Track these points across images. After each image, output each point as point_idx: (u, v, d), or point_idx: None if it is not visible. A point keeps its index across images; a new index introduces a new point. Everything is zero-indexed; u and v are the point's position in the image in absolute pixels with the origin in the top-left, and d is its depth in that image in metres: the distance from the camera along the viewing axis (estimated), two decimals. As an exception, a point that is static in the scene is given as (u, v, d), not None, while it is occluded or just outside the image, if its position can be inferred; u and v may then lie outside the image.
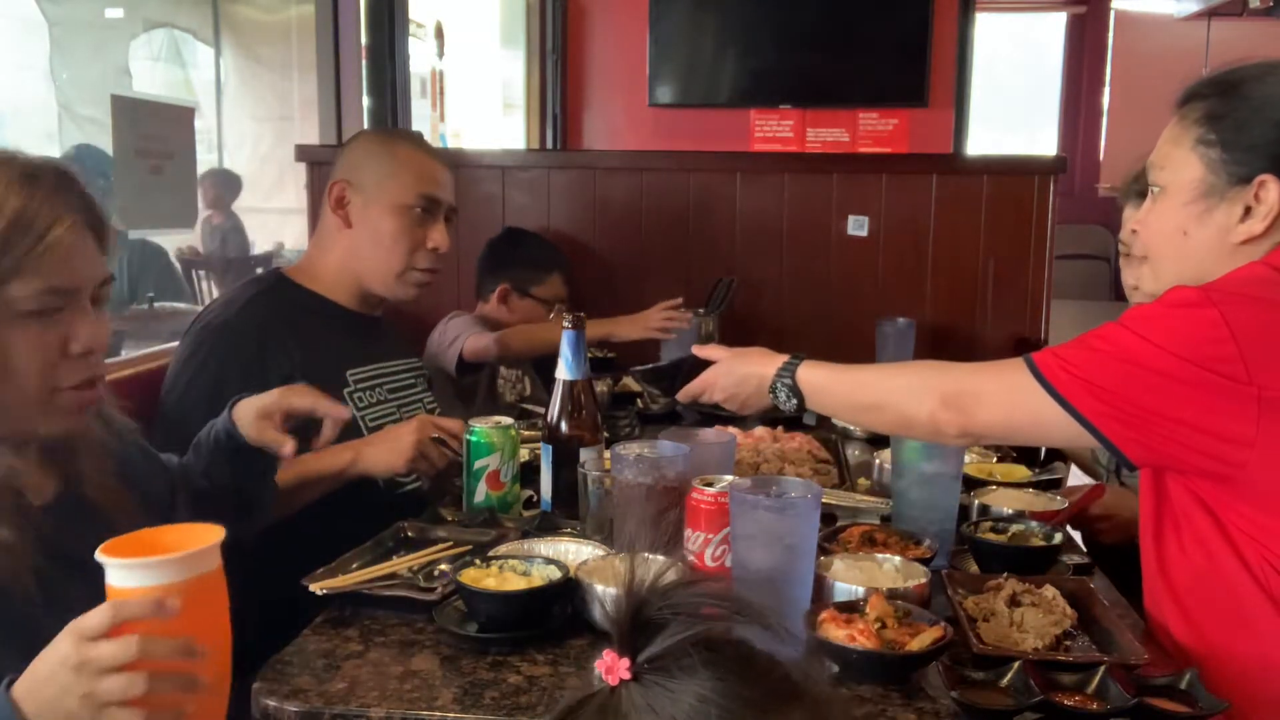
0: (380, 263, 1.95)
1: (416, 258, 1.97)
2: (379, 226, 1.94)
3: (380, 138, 2.08)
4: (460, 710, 1.11)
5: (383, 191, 1.95)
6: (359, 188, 1.95)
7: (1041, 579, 1.35)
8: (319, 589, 1.34)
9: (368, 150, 2.00)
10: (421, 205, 1.96)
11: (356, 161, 1.99)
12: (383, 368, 2.01)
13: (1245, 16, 5.66)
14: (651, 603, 0.66)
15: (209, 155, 4.42)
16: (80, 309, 1.15)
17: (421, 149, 2.03)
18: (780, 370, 1.51)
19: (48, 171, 1.15)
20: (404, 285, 1.98)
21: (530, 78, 4.88)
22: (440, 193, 1.99)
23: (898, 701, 1.13)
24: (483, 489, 1.66)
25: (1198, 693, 1.11)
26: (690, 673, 0.63)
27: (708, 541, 1.36)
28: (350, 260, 1.96)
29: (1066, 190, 6.01)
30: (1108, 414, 1.22)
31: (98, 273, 1.18)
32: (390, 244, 1.95)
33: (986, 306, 2.98)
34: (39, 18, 3.56)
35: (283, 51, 4.34)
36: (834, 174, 3.02)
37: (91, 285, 1.16)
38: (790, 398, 1.51)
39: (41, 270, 1.10)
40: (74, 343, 1.14)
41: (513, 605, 1.27)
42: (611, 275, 3.06)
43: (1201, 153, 1.32)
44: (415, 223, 1.96)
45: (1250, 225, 1.29)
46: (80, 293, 1.15)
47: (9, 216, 1.09)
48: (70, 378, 1.15)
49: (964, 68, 4.49)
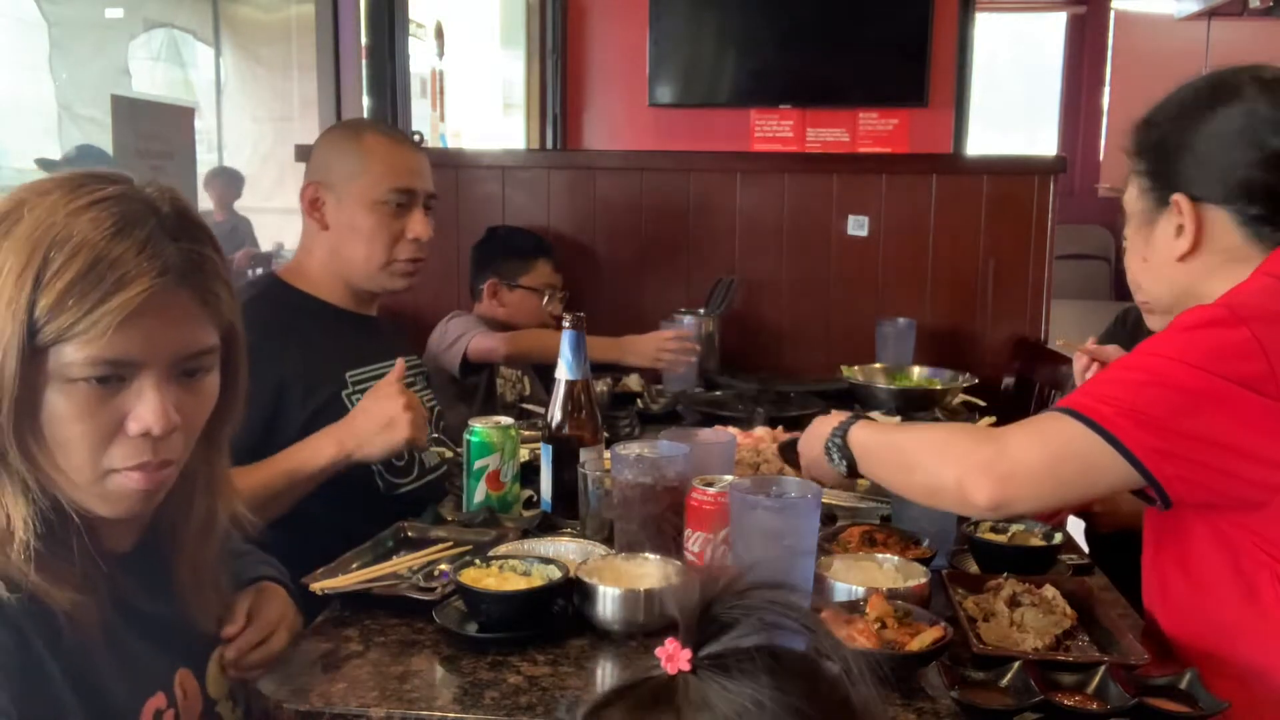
0: (361, 260, 1.92)
1: (398, 249, 1.93)
2: (355, 224, 1.90)
3: (345, 133, 2.01)
4: (460, 710, 1.11)
5: (354, 189, 1.90)
6: (330, 187, 1.92)
7: (1041, 579, 1.35)
8: (319, 589, 1.34)
9: (334, 148, 1.96)
10: (395, 199, 1.91)
11: (324, 161, 1.95)
12: (381, 368, 1.99)
13: (1245, 16, 5.66)
14: (725, 600, 0.66)
15: (209, 155, 4.42)
16: (146, 385, 0.98)
17: (389, 138, 1.97)
18: (834, 430, 1.46)
19: (153, 216, 0.99)
20: (390, 277, 1.95)
21: (530, 78, 4.88)
22: (413, 182, 1.94)
23: (898, 701, 1.13)
24: (483, 489, 1.66)
25: (1198, 693, 1.11)
26: (750, 676, 0.63)
27: (708, 541, 1.36)
28: (333, 261, 1.93)
29: (1066, 190, 6.02)
30: (1155, 448, 1.18)
31: (181, 345, 1.00)
32: (369, 240, 1.91)
33: (986, 306, 2.98)
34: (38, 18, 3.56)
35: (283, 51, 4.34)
36: (834, 174, 3.02)
37: (168, 358, 0.99)
38: (841, 459, 1.45)
39: (95, 337, 0.94)
40: (132, 422, 0.98)
41: (513, 605, 1.27)
42: (611, 275, 3.06)
43: (1136, 182, 1.40)
44: (391, 216, 1.91)
45: (1181, 243, 1.33)
46: (145, 366, 0.98)
47: (78, 268, 0.93)
48: (125, 459, 0.99)
49: (964, 68, 4.49)
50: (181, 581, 1.13)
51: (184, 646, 1.14)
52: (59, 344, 0.94)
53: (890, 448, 1.43)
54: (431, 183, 2.00)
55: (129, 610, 1.06)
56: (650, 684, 0.66)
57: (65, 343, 0.94)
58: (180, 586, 1.13)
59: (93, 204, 0.96)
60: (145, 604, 1.09)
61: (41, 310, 0.93)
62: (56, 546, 0.98)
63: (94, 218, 0.95)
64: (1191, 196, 1.32)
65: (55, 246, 0.93)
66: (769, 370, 2.97)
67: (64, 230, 0.94)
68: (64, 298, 0.93)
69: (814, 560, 1.33)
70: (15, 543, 0.94)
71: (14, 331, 0.93)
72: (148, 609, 1.09)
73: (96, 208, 0.96)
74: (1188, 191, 1.32)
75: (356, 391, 1.89)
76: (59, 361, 0.95)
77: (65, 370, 0.95)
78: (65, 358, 0.95)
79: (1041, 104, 7.31)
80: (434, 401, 2.13)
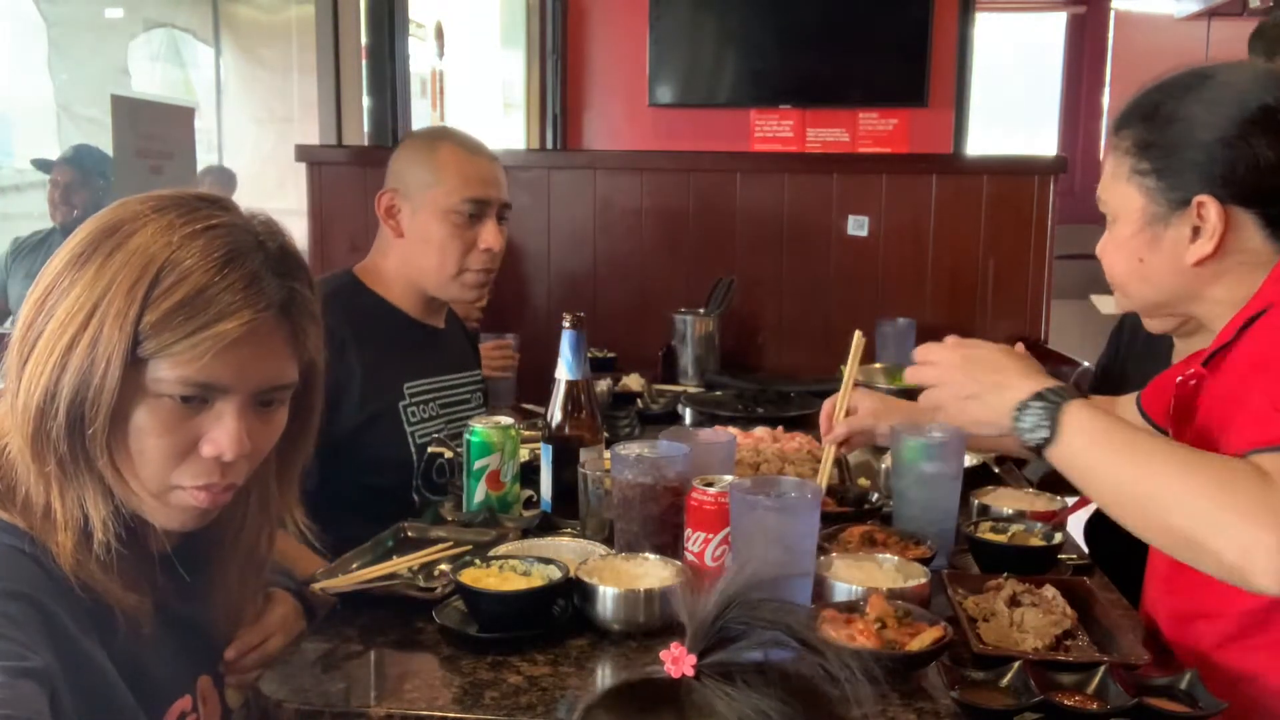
0: (433, 268, 1.93)
1: (470, 259, 1.94)
2: (428, 233, 1.92)
3: (422, 142, 2.03)
4: (460, 710, 1.11)
5: (428, 198, 1.92)
6: (406, 195, 1.93)
7: (1041, 579, 1.35)
8: (319, 589, 1.34)
9: (410, 157, 1.98)
10: (468, 209, 1.92)
11: (401, 169, 1.97)
12: (438, 381, 2.00)
13: (1245, 16, 5.65)
14: (735, 611, 0.67)
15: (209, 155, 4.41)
16: (227, 411, 1.02)
17: (464, 148, 1.98)
18: (1048, 390, 1.20)
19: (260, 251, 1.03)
20: (461, 287, 1.96)
21: (530, 78, 4.88)
22: (487, 192, 1.95)
23: (898, 701, 1.13)
24: (483, 489, 1.65)
25: (1198, 693, 1.10)
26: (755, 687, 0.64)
27: (708, 541, 1.36)
28: (405, 267, 1.95)
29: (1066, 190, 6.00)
30: None
31: (267, 377, 1.04)
32: (441, 249, 1.92)
33: (986, 306, 2.98)
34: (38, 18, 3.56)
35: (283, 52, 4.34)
36: (834, 174, 3.02)
37: (252, 388, 1.03)
38: (1039, 428, 1.19)
39: (191, 359, 0.98)
40: (207, 444, 1.02)
41: (513, 605, 1.27)
42: (611, 275, 3.06)
43: (1139, 183, 1.32)
44: (464, 225, 1.92)
45: (1201, 246, 1.28)
46: (230, 394, 1.01)
47: (186, 291, 0.97)
48: (194, 478, 1.03)
49: (964, 68, 4.49)
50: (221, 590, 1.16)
51: (208, 654, 1.17)
52: (155, 359, 0.98)
53: (1137, 457, 1.14)
54: (506, 192, 2.00)
55: (166, 611, 1.09)
56: (652, 684, 0.67)
57: (161, 359, 0.98)
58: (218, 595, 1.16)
59: (207, 229, 1.01)
60: (180, 606, 1.11)
61: (146, 325, 0.96)
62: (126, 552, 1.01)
63: (206, 244, 0.99)
64: (1218, 198, 1.25)
65: (168, 267, 0.97)
66: (769, 370, 2.98)
67: (177, 252, 0.98)
68: (170, 317, 0.97)
69: (814, 560, 1.33)
70: (95, 543, 0.98)
71: (120, 341, 0.96)
72: (182, 611, 1.11)
73: (209, 234, 1.00)
74: (1211, 193, 1.26)
75: (411, 404, 1.92)
76: (152, 376, 0.98)
77: (156, 385, 0.99)
78: (158, 373, 0.98)
79: (1041, 104, 7.30)
80: None
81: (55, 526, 0.98)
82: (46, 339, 0.97)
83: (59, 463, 0.97)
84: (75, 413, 0.97)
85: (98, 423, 0.97)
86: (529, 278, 3.07)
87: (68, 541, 0.97)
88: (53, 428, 0.97)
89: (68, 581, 0.97)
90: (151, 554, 1.07)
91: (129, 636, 1.01)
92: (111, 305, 0.96)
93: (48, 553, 0.97)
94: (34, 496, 0.98)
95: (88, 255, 0.98)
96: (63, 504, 0.98)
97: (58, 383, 0.96)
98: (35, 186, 3.56)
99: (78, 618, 0.97)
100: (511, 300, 2.82)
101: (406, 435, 1.90)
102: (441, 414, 1.99)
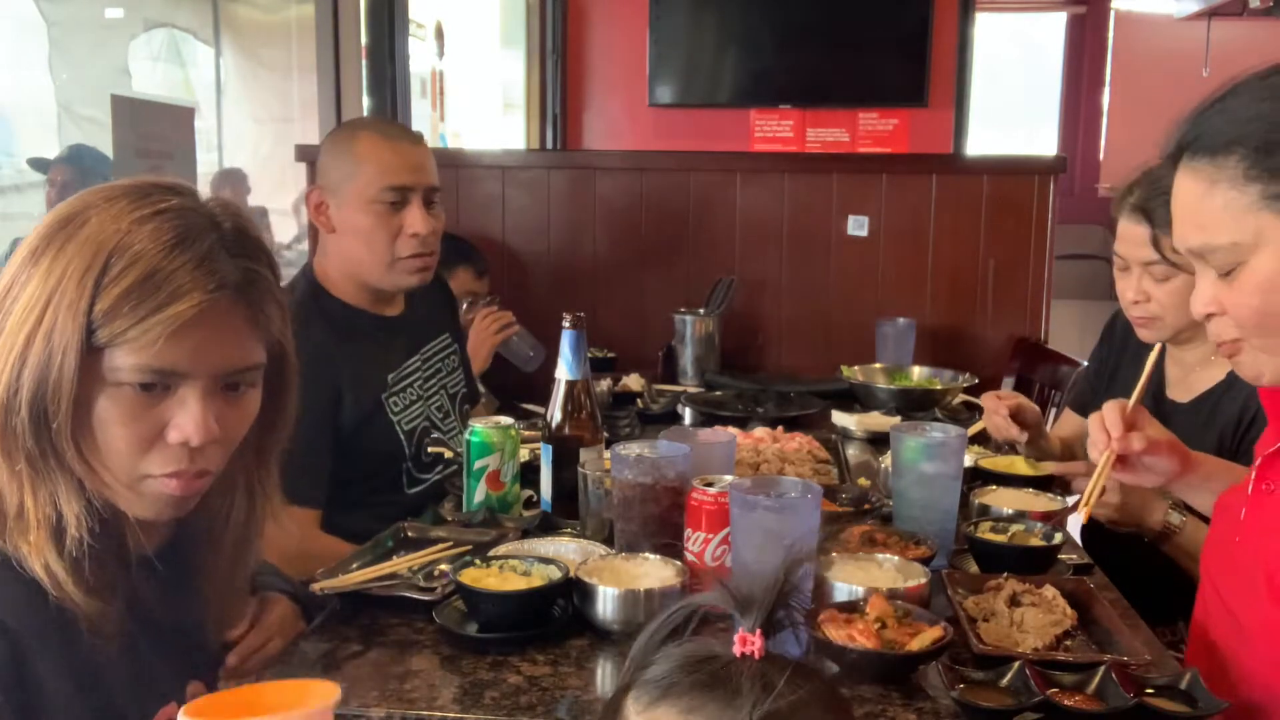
0: (367, 259, 1.92)
1: (399, 246, 1.92)
2: (355, 225, 1.91)
3: (342, 135, 2.01)
4: (460, 710, 1.11)
5: (350, 191, 1.91)
6: (331, 190, 1.93)
7: (1041, 579, 1.35)
8: (319, 589, 1.34)
9: (332, 151, 1.97)
10: (389, 197, 1.90)
11: (325, 165, 1.96)
12: (411, 364, 2.01)
13: (1245, 16, 5.66)
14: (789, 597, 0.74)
15: (209, 155, 4.41)
16: (190, 396, 1.00)
17: (382, 136, 1.96)
18: None
19: (214, 231, 1.01)
20: (399, 275, 1.95)
21: (530, 78, 4.87)
22: (406, 178, 1.92)
23: (898, 701, 1.13)
24: (483, 489, 1.66)
25: (1198, 692, 1.10)
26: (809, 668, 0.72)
27: (708, 541, 1.36)
28: (344, 264, 1.95)
29: (1066, 190, 6.01)
30: None
31: (228, 360, 1.02)
32: (368, 240, 1.91)
33: (986, 306, 2.98)
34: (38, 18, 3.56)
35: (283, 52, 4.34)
36: (834, 174, 3.02)
37: (213, 371, 1.01)
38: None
39: (145, 345, 0.96)
40: (172, 430, 1.00)
41: (513, 605, 1.27)
42: (611, 275, 3.06)
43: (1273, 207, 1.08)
44: (387, 214, 1.91)
45: None
46: (190, 378, 0.99)
47: (136, 276, 0.95)
48: (163, 466, 1.01)
49: (964, 68, 4.49)
50: (213, 585, 1.15)
51: (197, 659, 1.16)
52: (110, 348, 0.96)
53: None
54: (432, 176, 1.98)
55: (145, 618, 1.07)
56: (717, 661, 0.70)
57: (117, 347, 0.96)
58: (211, 590, 1.14)
59: (156, 214, 0.99)
60: (162, 613, 1.10)
61: (98, 313, 0.95)
62: (96, 552, 0.99)
63: (156, 228, 0.98)
64: None
65: (117, 253, 0.96)
66: (769, 370, 2.98)
67: (126, 238, 0.97)
68: (120, 303, 0.95)
69: (814, 560, 1.33)
70: (67, 539, 0.97)
71: (74, 332, 0.95)
72: (164, 618, 1.10)
73: (159, 218, 0.99)
74: None
75: (393, 394, 1.93)
76: (109, 364, 0.97)
77: (114, 374, 0.97)
78: (115, 362, 0.97)
79: (1041, 104, 7.30)
80: (460, 385, 2.14)
81: (28, 526, 0.97)
82: (6, 335, 0.97)
83: (28, 460, 0.97)
84: (38, 407, 0.96)
85: (60, 416, 0.96)
86: (529, 278, 3.07)
87: (40, 539, 0.96)
88: (18, 424, 0.96)
89: (36, 590, 0.95)
90: (130, 559, 1.06)
91: (97, 645, 0.99)
92: (64, 296, 0.95)
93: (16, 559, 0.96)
94: (7, 497, 0.97)
95: (43, 249, 0.98)
96: (35, 502, 0.97)
97: (19, 378, 0.95)
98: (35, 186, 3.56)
99: (42, 631, 0.96)
100: (512, 300, 2.81)
101: (394, 425, 1.91)
102: (422, 395, 2.00)
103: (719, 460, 1.57)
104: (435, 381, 2.06)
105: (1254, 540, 1.25)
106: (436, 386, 2.06)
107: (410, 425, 1.94)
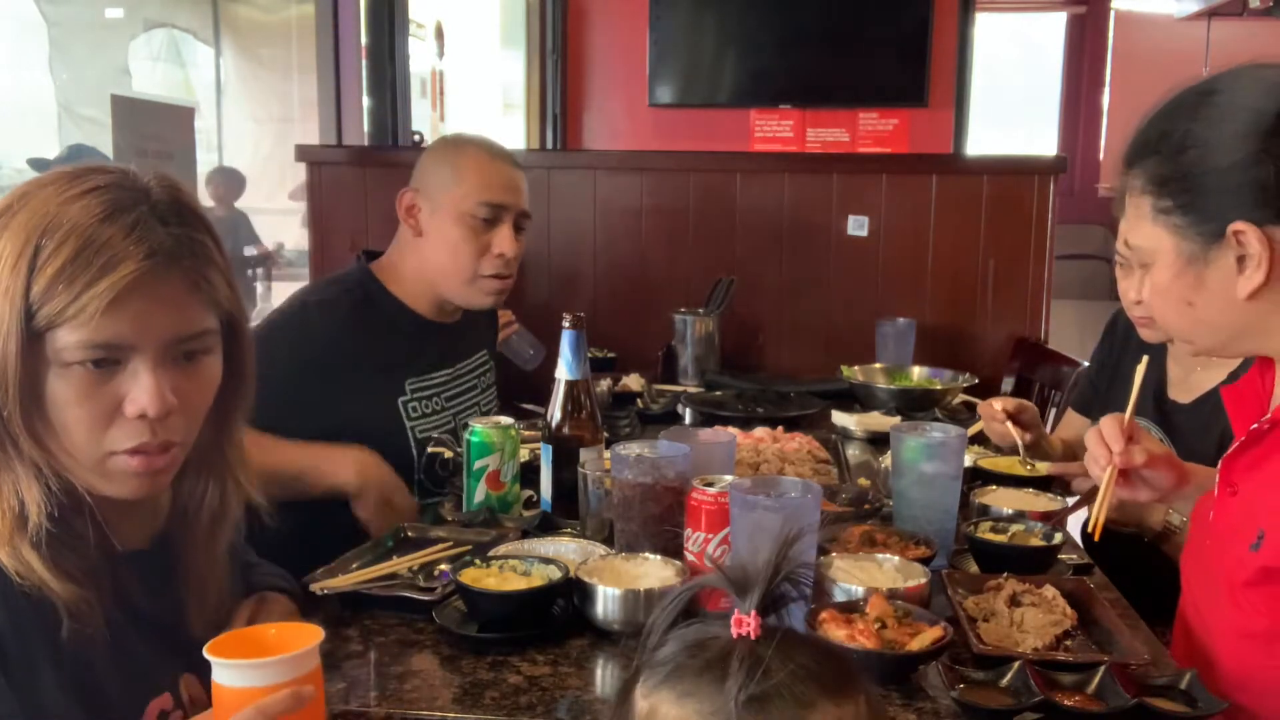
0: (449, 270, 1.95)
1: (483, 264, 1.95)
2: (445, 234, 1.94)
3: (447, 145, 2.06)
4: (460, 710, 1.11)
5: (446, 200, 1.94)
6: (426, 195, 1.95)
7: (1041, 579, 1.35)
8: (319, 589, 1.34)
9: (434, 158, 2.00)
10: (484, 213, 1.94)
11: (425, 169, 1.99)
12: (443, 375, 2.02)
13: (1245, 16, 5.66)
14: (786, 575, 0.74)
15: (209, 155, 4.42)
16: (141, 368, 0.99)
17: (487, 153, 1.99)
18: None
19: (144, 201, 1.00)
20: (476, 292, 1.97)
21: (530, 78, 4.88)
22: (503, 198, 1.96)
23: (898, 701, 1.13)
24: (483, 489, 1.66)
25: (1198, 693, 1.10)
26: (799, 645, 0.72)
27: (708, 541, 1.36)
28: (422, 267, 1.97)
29: (1066, 190, 6.01)
30: None
31: (173, 327, 1.01)
32: (454, 251, 1.94)
33: (986, 306, 2.98)
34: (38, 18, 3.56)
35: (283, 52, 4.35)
36: (834, 174, 3.02)
37: (161, 340, 1.00)
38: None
39: (85, 320, 0.95)
40: (128, 404, 0.99)
41: (513, 605, 1.27)
42: (611, 275, 3.06)
43: (1165, 222, 1.20)
44: (479, 229, 1.94)
45: (1250, 278, 1.16)
46: (138, 349, 0.99)
47: (67, 253, 0.95)
48: (125, 441, 1.00)
49: (964, 68, 4.49)
50: (193, 573, 1.14)
51: (189, 652, 1.15)
52: (53, 329, 0.96)
53: None
54: (526, 201, 2.01)
55: (134, 609, 1.07)
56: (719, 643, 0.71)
57: (59, 327, 0.96)
58: (191, 579, 1.14)
59: (86, 192, 0.99)
60: (150, 605, 1.09)
61: (35, 296, 0.95)
62: (66, 538, 0.99)
63: (85, 205, 0.98)
64: (1254, 222, 1.14)
65: (48, 233, 0.96)
66: (769, 370, 2.98)
67: (56, 217, 0.97)
68: (55, 282, 0.95)
69: (814, 560, 1.33)
70: (29, 526, 0.97)
71: (12, 318, 0.95)
72: (152, 610, 1.10)
73: (89, 195, 0.99)
74: (1246, 218, 1.14)
75: (413, 399, 1.94)
76: (55, 346, 0.97)
77: (61, 354, 0.97)
78: (60, 342, 0.97)
79: (1041, 104, 7.30)
80: (491, 404, 2.15)
81: None
82: None
83: None
84: None
85: (10, 403, 0.96)
86: (529, 278, 3.07)
87: (5, 528, 0.96)
88: None
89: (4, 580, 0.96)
90: (114, 549, 1.06)
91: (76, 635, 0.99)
92: (0, 284, 0.96)
93: None
94: None
95: None
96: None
97: None
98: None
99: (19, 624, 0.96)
100: (512, 300, 2.81)
101: (407, 431, 1.91)
102: (448, 407, 2.00)
103: (719, 460, 1.56)
104: (465, 398, 2.06)
105: (1218, 544, 1.27)
106: (467, 403, 2.06)
107: (424, 434, 1.93)
